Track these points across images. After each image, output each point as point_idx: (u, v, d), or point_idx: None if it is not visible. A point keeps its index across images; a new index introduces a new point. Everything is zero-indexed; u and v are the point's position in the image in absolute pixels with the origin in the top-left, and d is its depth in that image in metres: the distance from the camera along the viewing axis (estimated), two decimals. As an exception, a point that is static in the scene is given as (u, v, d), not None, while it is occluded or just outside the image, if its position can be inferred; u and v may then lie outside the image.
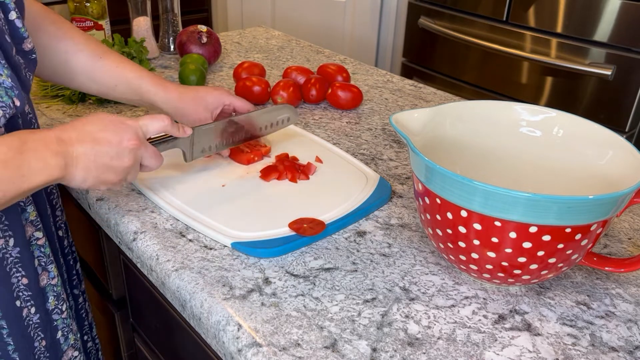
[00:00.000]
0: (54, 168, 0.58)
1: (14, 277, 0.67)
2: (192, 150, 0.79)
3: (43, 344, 0.72)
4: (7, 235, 0.65)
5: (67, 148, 0.60)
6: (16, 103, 0.62)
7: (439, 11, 1.97)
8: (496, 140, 0.74)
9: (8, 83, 0.61)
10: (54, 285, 0.73)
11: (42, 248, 0.71)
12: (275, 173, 0.82)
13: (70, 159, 0.60)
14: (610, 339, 0.58)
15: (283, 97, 1.07)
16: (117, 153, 0.64)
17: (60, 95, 1.05)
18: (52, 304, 0.73)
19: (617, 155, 0.64)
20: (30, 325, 0.70)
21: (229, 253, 0.68)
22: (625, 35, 1.52)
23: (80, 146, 0.61)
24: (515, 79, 1.79)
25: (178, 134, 0.74)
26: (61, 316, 0.75)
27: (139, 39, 1.19)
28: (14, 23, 0.65)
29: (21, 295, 0.68)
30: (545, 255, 0.57)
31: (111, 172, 0.64)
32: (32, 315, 0.70)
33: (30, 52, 0.68)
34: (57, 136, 0.60)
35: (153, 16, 1.32)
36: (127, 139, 0.65)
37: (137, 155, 0.66)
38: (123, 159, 0.65)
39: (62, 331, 0.75)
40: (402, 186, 0.85)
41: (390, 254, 0.69)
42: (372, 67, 1.34)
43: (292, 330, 0.57)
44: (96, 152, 0.62)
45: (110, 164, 0.64)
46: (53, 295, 0.73)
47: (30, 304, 0.69)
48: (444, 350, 0.56)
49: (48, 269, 0.72)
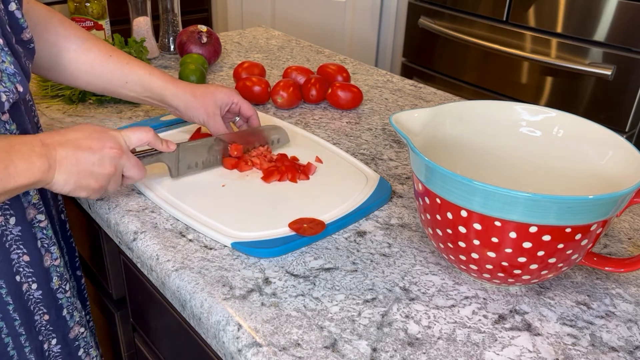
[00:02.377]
0: (38, 170, 0.60)
1: (14, 253, 0.69)
2: (178, 165, 0.80)
3: (45, 318, 0.75)
4: (7, 214, 0.67)
5: (50, 151, 0.62)
6: (19, 89, 0.64)
7: (439, 11, 1.97)
8: (496, 140, 0.74)
9: (11, 70, 0.63)
10: (57, 266, 0.75)
11: (45, 230, 0.73)
12: (276, 174, 0.82)
13: (53, 162, 0.62)
14: (611, 339, 0.58)
15: (283, 97, 1.07)
16: (99, 159, 0.66)
17: (60, 95, 1.05)
18: (55, 283, 0.76)
19: (617, 155, 0.64)
20: (30, 300, 0.72)
21: (229, 253, 0.68)
22: (625, 35, 1.52)
23: (63, 150, 0.63)
24: (515, 79, 1.79)
25: (161, 148, 0.75)
26: (65, 295, 0.77)
27: (139, 39, 1.19)
28: (14, 14, 0.66)
29: (21, 271, 0.70)
30: (545, 255, 0.57)
31: (92, 178, 0.66)
32: (32, 290, 0.72)
33: (29, 41, 0.70)
34: (41, 140, 0.62)
35: (153, 16, 1.32)
36: (109, 146, 0.67)
37: (118, 164, 0.68)
38: (104, 165, 0.66)
39: (67, 309, 0.78)
40: (402, 186, 0.85)
41: (390, 254, 0.69)
42: (372, 67, 1.34)
43: (292, 330, 0.57)
44: (78, 157, 0.64)
45: (92, 169, 0.65)
46: (57, 275, 0.75)
47: (32, 280, 0.72)
48: (444, 350, 0.56)
49: (51, 250, 0.74)
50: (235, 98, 0.88)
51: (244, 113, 0.90)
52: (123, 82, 0.84)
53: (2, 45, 0.63)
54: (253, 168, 0.84)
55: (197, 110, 0.85)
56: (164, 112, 1.04)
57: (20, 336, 0.71)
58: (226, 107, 0.88)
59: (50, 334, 0.76)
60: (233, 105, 0.88)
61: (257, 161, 0.84)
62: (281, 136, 0.91)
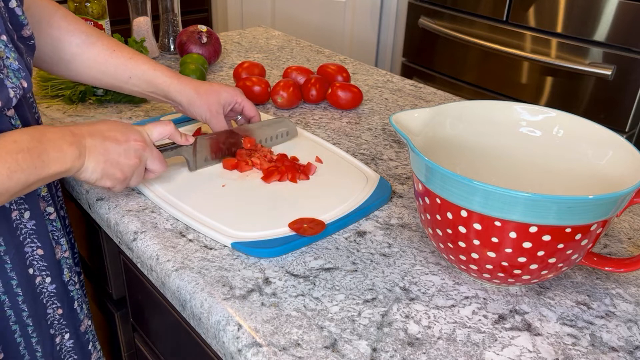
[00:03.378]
0: (69, 157, 0.63)
1: (28, 246, 0.70)
2: (196, 159, 0.82)
3: (59, 312, 0.76)
4: (22, 209, 0.69)
5: (80, 140, 0.65)
6: (24, 85, 0.65)
7: (439, 11, 1.97)
8: (496, 140, 0.74)
9: (15, 65, 0.64)
10: (66, 258, 0.77)
11: (54, 222, 0.75)
12: (276, 175, 0.82)
13: (83, 149, 0.65)
14: (611, 339, 0.58)
15: (283, 97, 1.07)
16: (125, 150, 0.68)
17: (60, 95, 1.05)
18: (67, 276, 0.77)
19: (617, 155, 0.64)
20: (43, 293, 0.73)
21: (229, 253, 0.68)
22: (625, 35, 1.52)
23: (92, 139, 0.66)
24: (515, 79, 1.79)
25: (180, 141, 0.78)
26: (75, 287, 0.79)
27: (139, 39, 1.20)
28: (15, 11, 0.67)
29: (35, 264, 0.71)
30: (545, 255, 0.57)
31: (117, 168, 0.68)
32: (46, 284, 0.74)
33: (29, 38, 0.70)
34: (71, 130, 0.65)
35: (153, 16, 1.32)
36: (134, 139, 0.70)
37: (142, 156, 0.71)
38: (130, 156, 0.69)
39: (77, 301, 0.80)
40: (402, 186, 0.85)
41: (390, 254, 0.69)
42: (372, 67, 1.34)
43: (292, 330, 0.57)
44: (106, 146, 0.67)
45: (118, 160, 0.68)
46: (67, 267, 0.77)
47: (46, 274, 0.73)
48: (444, 350, 0.56)
49: (61, 242, 0.76)
50: (239, 98, 0.89)
51: (247, 113, 0.90)
52: (127, 77, 0.84)
53: (7, 42, 0.63)
54: (253, 168, 0.85)
55: (199, 107, 0.86)
56: (163, 113, 1.04)
57: (27, 326, 0.72)
58: (229, 107, 0.88)
59: (63, 328, 0.77)
60: (236, 105, 0.89)
61: (257, 161, 0.85)
62: (290, 129, 0.94)
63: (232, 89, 0.89)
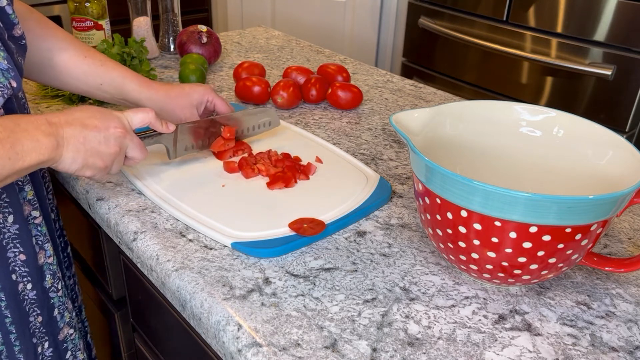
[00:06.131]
0: (46, 148, 0.60)
1: (11, 251, 0.69)
2: (176, 147, 0.82)
3: (39, 319, 0.74)
4: (6, 212, 0.67)
5: (57, 130, 0.62)
6: (13, 84, 0.64)
7: (439, 11, 1.97)
8: (496, 140, 0.74)
9: (4, 65, 0.63)
10: (50, 264, 0.75)
11: (39, 227, 0.73)
12: (281, 183, 0.80)
13: (61, 140, 0.62)
14: (611, 339, 0.58)
15: (283, 97, 1.07)
16: (105, 138, 0.66)
17: (60, 95, 1.05)
18: (49, 282, 0.75)
19: (617, 155, 0.64)
20: (25, 300, 0.72)
21: (229, 253, 0.68)
22: (625, 35, 1.52)
23: (70, 128, 0.63)
24: (515, 79, 1.79)
25: (161, 129, 0.76)
26: (57, 294, 0.77)
27: (139, 39, 1.19)
28: (5, 9, 0.66)
29: (17, 270, 0.70)
30: (546, 255, 0.57)
31: (98, 157, 0.66)
32: (27, 290, 0.72)
33: (20, 37, 0.70)
34: (47, 119, 0.62)
35: (153, 16, 1.32)
36: (114, 126, 0.67)
37: (122, 144, 0.69)
38: (110, 144, 0.67)
39: (58, 309, 0.77)
40: (402, 186, 0.85)
41: (390, 254, 0.69)
42: (372, 67, 1.34)
43: (292, 330, 0.57)
44: (85, 135, 0.64)
45: (98, 148, 0.66)
46: (50, 273, 0.75)
47: (27, 279, 0.71)
48: (444, 350, 0.56)
49: (45, 248, 0.74)
50: (210, 96, 0.88)
51: (219, 110, 0.90)
52: (98, 83, 0.83)
53: None
54: (259, 175, 0.83)
55: (172, 112, 0.86)
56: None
57: (10, 334, 0.71)
58: (202, 106, 0.88)
59: (43, 337, 0.75)
60: (208, 104, 0.89)
61: (262, 167, 0.83)
62: (272, 119, 0.93)
63: (202, 88, 0.88)
